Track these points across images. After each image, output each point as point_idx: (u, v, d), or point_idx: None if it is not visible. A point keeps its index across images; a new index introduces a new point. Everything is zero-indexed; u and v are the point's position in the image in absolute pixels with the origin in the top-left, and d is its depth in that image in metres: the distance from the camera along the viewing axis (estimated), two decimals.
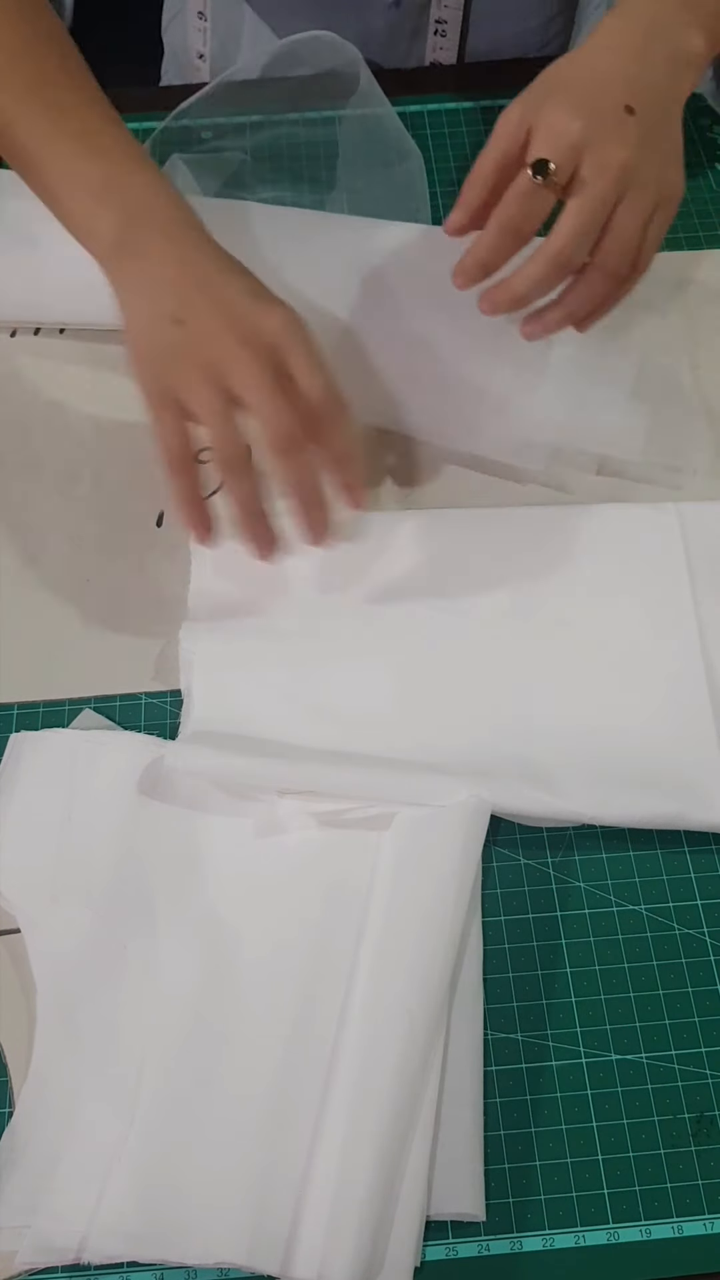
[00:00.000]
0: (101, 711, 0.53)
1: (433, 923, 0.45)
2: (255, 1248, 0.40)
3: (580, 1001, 0.46)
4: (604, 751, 0.50)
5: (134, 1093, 0.43)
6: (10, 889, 0.48)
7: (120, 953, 0.46)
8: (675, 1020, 0.46)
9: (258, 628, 0.53)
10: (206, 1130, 0.43)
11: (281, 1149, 0.42)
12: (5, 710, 0.53)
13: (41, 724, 0.52)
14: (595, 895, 0.49)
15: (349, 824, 0.48)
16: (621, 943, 0.48)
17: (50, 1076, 0.44)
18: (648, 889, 0.49)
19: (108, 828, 0.49)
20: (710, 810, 0.48)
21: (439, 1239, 0.42)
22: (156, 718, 0.53)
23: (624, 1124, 0.44)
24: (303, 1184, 0.41)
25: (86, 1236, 0.41)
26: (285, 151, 0.73)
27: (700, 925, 0.48)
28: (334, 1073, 0.43)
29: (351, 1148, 0.41)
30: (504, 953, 0.47)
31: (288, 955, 0.46)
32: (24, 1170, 0.42)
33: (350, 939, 0.46)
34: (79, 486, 0.59)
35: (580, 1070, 0.45)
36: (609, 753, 0.50)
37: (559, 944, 0.47)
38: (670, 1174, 0.43)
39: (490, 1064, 0.45)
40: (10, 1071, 0.45)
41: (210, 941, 0.46)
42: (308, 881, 0.47)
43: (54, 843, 0.48)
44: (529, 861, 0.49)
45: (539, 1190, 0.43)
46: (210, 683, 0.52)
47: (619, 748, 0.50)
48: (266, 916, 0.47)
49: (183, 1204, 0.41)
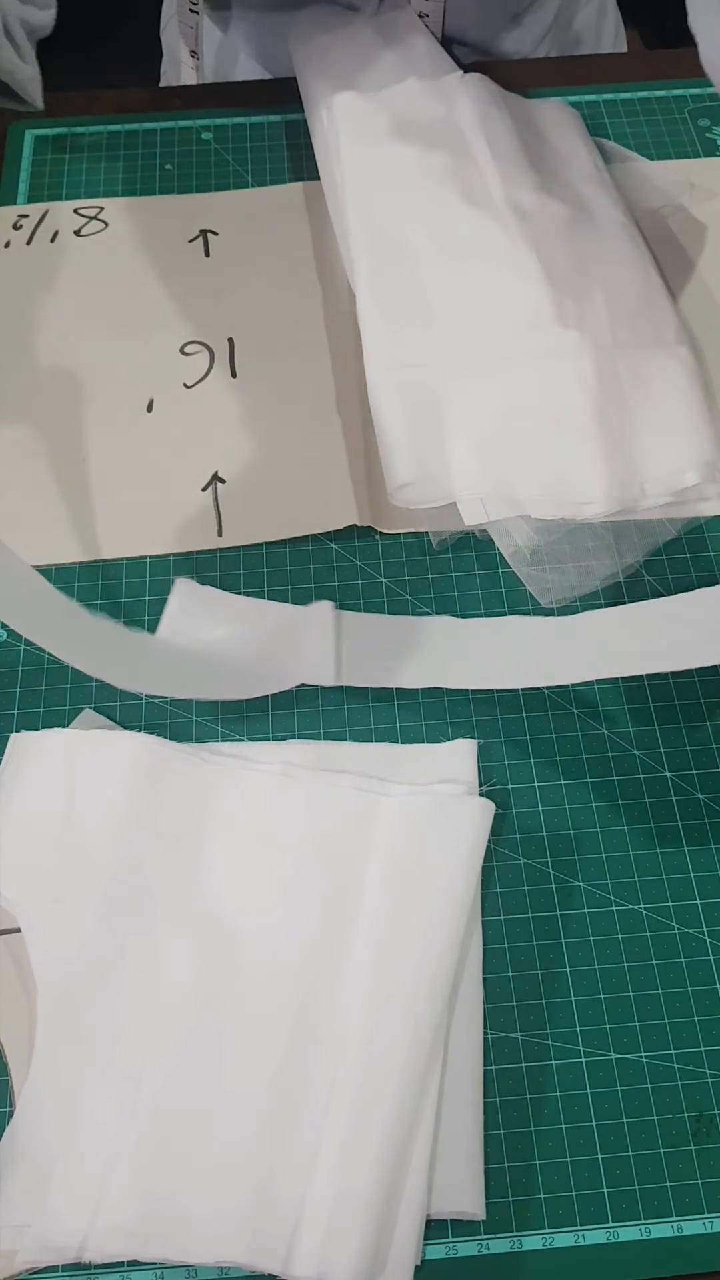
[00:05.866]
0: (101, 711, 0.53)
1: (438, 922, 0.45)
2: (256, 1246, 0.40)
3: (580, 1001, 0.46)
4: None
5: (135, 1091, 0.43)
6: (10, 889, 0.48)
7: (121, 952, 0.46)
8: (675, 1019, 0.46)
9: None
10: (208, 1129, 0.43)
11: (283, 1148, 0.42)
12: (5, 711, 0.53)
13: (41, 724, 0.52)
14: (595, 895, 0.49)
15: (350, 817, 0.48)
16: (621, 942, 0.48)
17: (51, 1075, 0.44)
18: (647, 889, 0.49)
19: (108, 828, 0.49)
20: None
21: (438, 1238, 0.42)
22: (157, 718, 0.53)
23: (623, 1123, 0.44)
24: (304, 1183, 0.41)
25: (87, 1235, 0.41)
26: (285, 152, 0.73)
27: (700, 925, 0.48)
28: (336, 1071, 0.43)
29: (354, 1146, 0.41)
30: (504, 952, 0.47)
31: (290, 954, 0.46)
32: (24, 1169, 0.42)
33: (353, 937, 0.46)
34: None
35: (580, 1069, 0.45)
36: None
37: (559, 943, 0.48)
38: (670, 1173, 0.43)
39: (490, 1063, 0.45)
40: (10, 1071, 0.45)
41: (211, 941, 0.46)
42: (309, 880, 0.47)
43: (54, 842, 0.48)
44: (529, 861, 0.49)
45: (539, 1189, 0.43)
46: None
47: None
48: (268, 916, 0.47)
49: (184, 1203, 0.41)
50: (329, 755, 0.51)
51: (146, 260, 0.68)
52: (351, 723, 0.53)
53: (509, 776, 0.51)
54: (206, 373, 0.64)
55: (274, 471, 0.60)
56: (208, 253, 0.69)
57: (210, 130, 0.74)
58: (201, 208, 0.71)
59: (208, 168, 0.73)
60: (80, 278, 0.68)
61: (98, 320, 0.66)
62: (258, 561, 0.58)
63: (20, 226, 0.70)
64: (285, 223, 0.70)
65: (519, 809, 0.51)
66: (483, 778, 0.51)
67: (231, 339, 0.65)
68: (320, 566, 0.57)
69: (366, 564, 0.57)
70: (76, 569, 0.57)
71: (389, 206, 0.63)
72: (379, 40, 0.74)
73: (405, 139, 0.65)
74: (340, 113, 0.66)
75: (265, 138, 0.74)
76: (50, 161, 0.73)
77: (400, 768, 0.51)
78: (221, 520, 0.58)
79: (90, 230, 0.70)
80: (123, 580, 0.57)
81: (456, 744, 0.51)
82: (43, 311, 0.66)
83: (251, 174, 0.72)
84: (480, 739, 0.52)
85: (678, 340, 0.61)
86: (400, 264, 0.62)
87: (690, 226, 0.69)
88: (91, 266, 0.68)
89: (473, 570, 0.57)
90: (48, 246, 0.69)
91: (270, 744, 0.52)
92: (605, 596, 0.56)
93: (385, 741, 0.52)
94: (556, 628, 0.54)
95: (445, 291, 0.61)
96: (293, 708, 0.53)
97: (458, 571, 0.57)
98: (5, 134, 0.74)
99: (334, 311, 0.66)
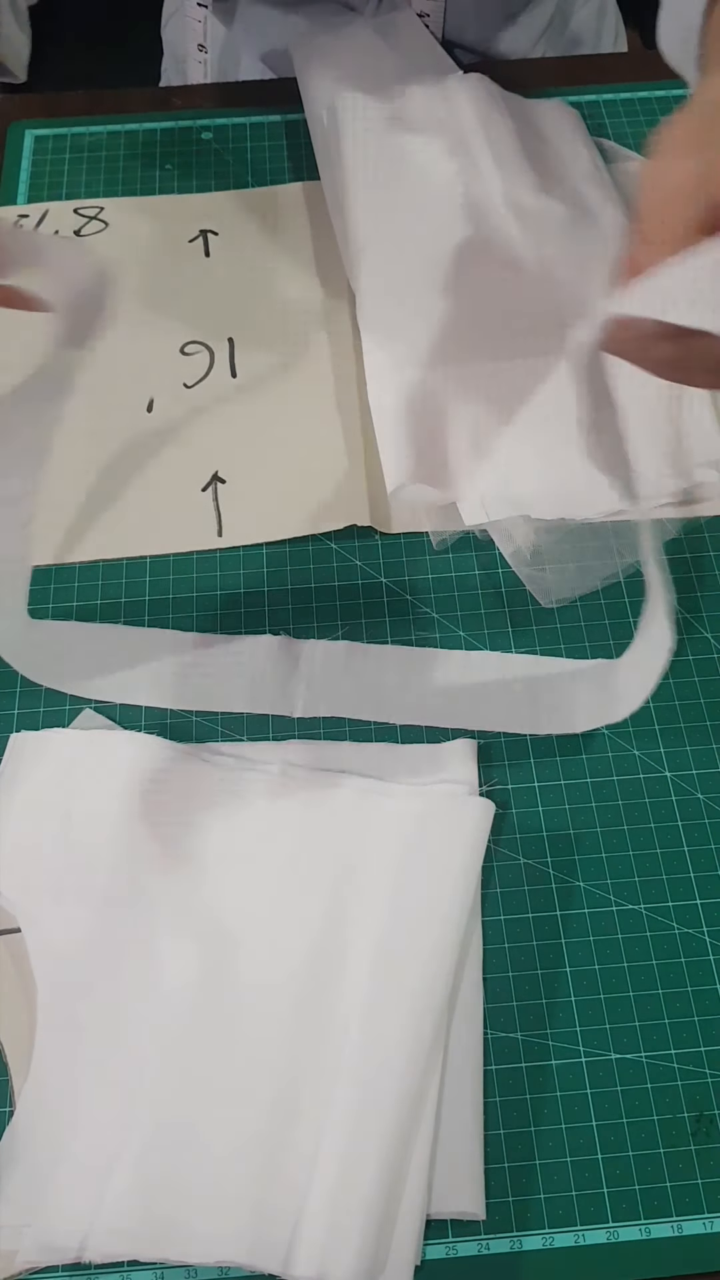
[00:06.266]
0: (101, 711, 0.53)
1: (437, 922, 0.45)
2: (256, 1246, 0.40)
3: (580, 1000, 0.46)
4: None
5: (135, 1091, 0.43)
6: (10, 888, 0.48)
7: (121, 952, 0.46)
8: (674, 1019, 0.46)
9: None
10: (208, 1129, 0.43)
11: (283, 1147, 0.42)
12: (5, 711, 0.53)
13: (41, 724, 0.52)
14: (595, 895, 0.49)
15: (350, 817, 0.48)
16: (621, 942, 0.48)
17: (51, 1075, 0.44)
18: (647, 888, 0.49)
19: (108, 827, 0.49)
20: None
21: (439, 1238, 0.42)
22: (157, 718, 0.53)
23: (623, 1123, 0.44)
24: (304, 1183, 0.41)
25: (87, 1235, 0.41)
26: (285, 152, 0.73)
27: (700, 925, 0.48)
28: (337, 1070, 0.43)
29: (354, 1146, 0.41)
30: (504, 952, 0.47)
31: (290, 954, 0.46)
32: (25, 1169, 0.42)
33: (354, 937, 0.46)
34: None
35: (580, 1069, 0.45)
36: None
37: (559, 943, 0.48)
38: (670, 1173, 0.43)
39: (490, 1063, 0.45)
40: (10, 1071, 0.45)
41: (211, 941, 0.46)
42: (309, 878, 0.47)
43: (54, 842, 0.48)
44: (529, 861, 0.49)
45: (539, 1189, 0.43)
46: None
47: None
48: (268, 916, 0.47)
49: (184, 1203, 0.41)
50: (329, 755, 0.51)
51: (146, 260, 0.68)
52: (351, 723, 0.53)
53: (509, 776, 0.51)
54: (206, 373, 0.64)
55: (274, 471, 0.60)
56: (208, 253, 0.69)
57: (210, 130, 0.74)
58: (201, 208, 0.71)
59: (208, 168, 0.73)
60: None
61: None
62: (258, 561, 0.58)
63: (20, 226, 0.70)
64: (285, 223, 0.70)
65: (519, 809, 0.51)
66: (483, 778, 0.51)
67: (231, 339, 0.65)
68: (320, 566, 0.57)
69: (366, 564, 0.57)
70: (76, 569, 0.57)
71: (389, 207, 0.63)
72: (379, 40, 0.74)
73: (405, 139, 0.65)
74: (340, 113, 0.66)
75: (265, 138, 0.74)
76: (50, 161, 0.73)
77: (400, 768, 0.51)
78: (221, 520, 0.58)
79: (90, 230, 0.70)
80: (123, 580, 0.57)
81: (456, 744, 0.51)
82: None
83: (251, 174, 0.72)
84: (480, 739, 0.52)
85: None
86: (400, 264, 0.62)
87: None
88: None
89: (473, 570, 0.57)
90: None
91: (270, 744, 0.52)
92: (605, 596, 0.56)
93: (385, 741, 0.52)
94: (464, 661, 0.54)
95: (445, 292, 0.61)
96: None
97: (458, 571, 0.57)
98: (5, 134, 0.74)
99: (334, 311, 0.66)
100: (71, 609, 0.56)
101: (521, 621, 0.56)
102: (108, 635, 0.55)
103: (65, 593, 0.57)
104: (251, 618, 0.56)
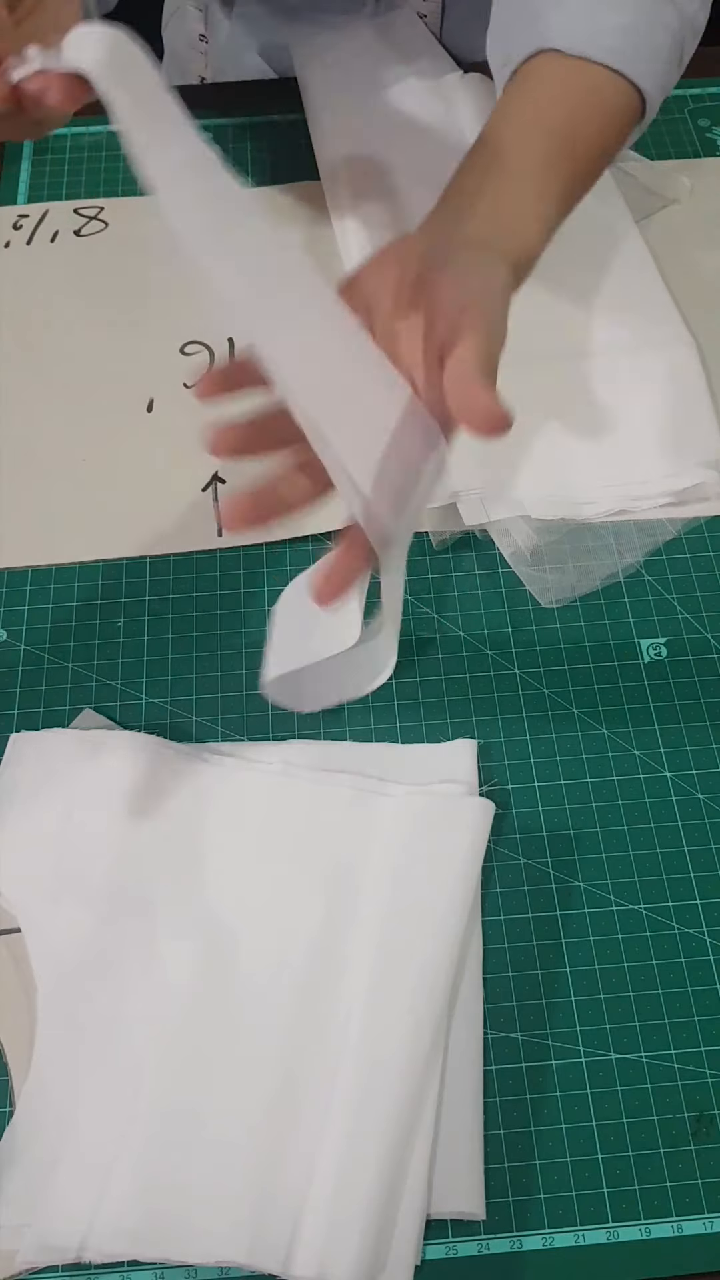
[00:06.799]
0: (101, 711, 0.53)
1: (437, 922, 0.45)
2: (256, 1246, 0.40)
3: (580, 1001, 0.46)
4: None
5: (135, 1091, 0.43)
6: (10, 888, 0.48)
7: (121, 952, 0.46)
8: (674, 1019, 0.46)
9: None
10: (208, 1129, 0.43)
11: (283, 1147, 0.42)
12: (5, 711, 0.53)
13: (41, 724, 0.52)
14: (595, 895, 0.49)
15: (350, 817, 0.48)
16: (621, 942, 0.48)
17: (51, 1075, 0.44)
18: (647, 889, 0.49)
19: (108, 828, 0.49)
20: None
21: (439, 1238, 0.42)
22: (157, 718, 0.53)
23: (623, 1123, 0.44)
24: (304, 1182, 0.41)
25: (87, 1235, 0.41)
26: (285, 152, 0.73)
27: (700, 925, 0.48)
28: (337, 1071, 0.43)
29: (354, 1146, 0.41)
30: (504, 952, 0.47)
31: (290, 954, 0.46)
32: (25, 1169, 0.42)
33: (353, 937, 0.46)
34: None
35: (580, 1069, 0.45)
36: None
37: (559, 943, 0.48)
38: (670, 1173, 0.43)
39: (490, 1063, 0.45)
40: (10, 1071, 0.45)
41: (211, 941, 0.46)
42: (309, 879, 0.47)
43: (54, 842, 0.48)
44: (529, 861, 0.49)
45: (539, 1189, 0.43)
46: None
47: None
48: (268, 915, 0.47)
49: (184, 1203, 0.41)
50: (329, 755, 0.51)
51: (146, 260, 0.68)
52: (351, 723, 0.53)
53: (509, 776, 0.51)
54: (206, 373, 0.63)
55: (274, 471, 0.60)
56: None
57: (210, 130, 0.74)
58: None
59: None
60: (80, 278, 0.68)
61: (97, 320, 0.66)
62: (258, 561, 0.58)
63: (20, 226, 0.70)
64: (285, 223, 0.70)
65: (519, 809, 0.51)
66: (483, 778, 0.51)
67: (232, 339, 0.65)
68: None
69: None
70: (76, 569, 0.57)
71: (389, 206, 0.63)
72: (379, 40, 0.74)
73: (406, 139, 0.65)
74: (341, 113, 0.66)
75: (265, 138, 0.74)
76: (50, 161, 0.73)
77: (400, 768, 0.51)
78: (221, 520, 0.58)
79: (90, 230, 0.70)
80: (123, 580, 0.57)
81: (456, 744, 0.51)
82: (43, 311, 0.66)
83: (252, 174, 0.72)
84: (480, 739, 0.52)
85: (678, 340, 0.61)
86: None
87: (690, 226, 0.69)
88: (91, 266, 0.68)
89: (473, 570, 0.57)
90: (48, 246, 0.69)
91: (270, 744, 0.52)
92: (605, 596, 0.56)
93: (385, 741, 0.52)
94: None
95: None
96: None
97: (458, 571, 0.57)
98: None
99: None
100: (71, 609, 0.56)
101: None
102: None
103: (65, 593, 0.57)
104: (251, 618, 0.56)
